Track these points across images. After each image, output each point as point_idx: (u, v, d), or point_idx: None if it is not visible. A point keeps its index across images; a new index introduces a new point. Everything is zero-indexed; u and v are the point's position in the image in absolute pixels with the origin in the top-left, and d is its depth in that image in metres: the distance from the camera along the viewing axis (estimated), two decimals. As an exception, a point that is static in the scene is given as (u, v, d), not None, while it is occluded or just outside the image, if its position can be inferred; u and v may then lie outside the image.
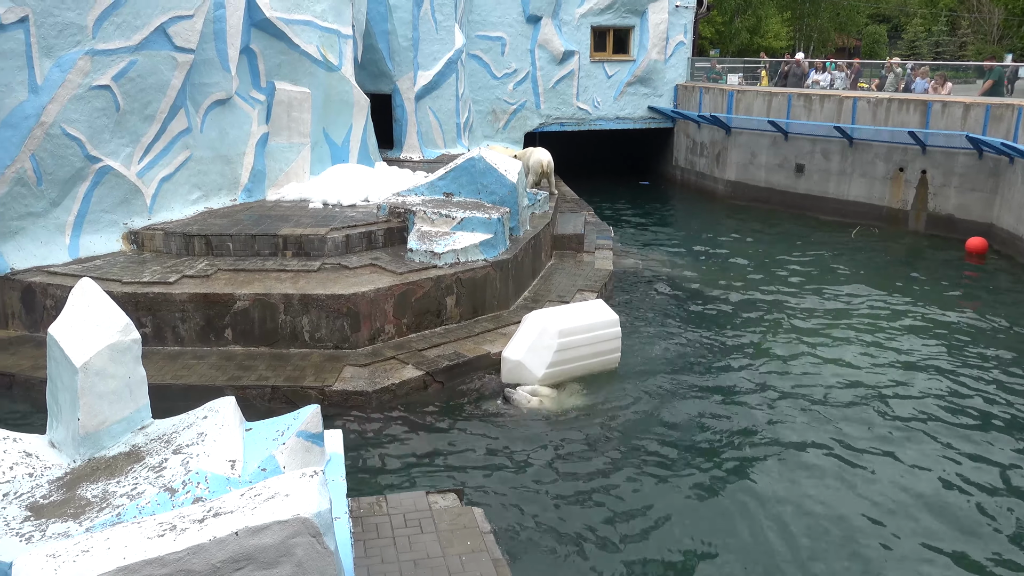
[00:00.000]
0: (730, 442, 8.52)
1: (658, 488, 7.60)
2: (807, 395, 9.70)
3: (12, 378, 9.20)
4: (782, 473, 7.91)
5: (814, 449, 8.38)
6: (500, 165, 12.35)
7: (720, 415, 9.13)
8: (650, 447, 8.36)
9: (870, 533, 6.95)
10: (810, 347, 11.29)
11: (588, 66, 24.17)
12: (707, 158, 24.06)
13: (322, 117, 14.66)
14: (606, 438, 8.49)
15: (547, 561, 6.47)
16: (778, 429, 8.80)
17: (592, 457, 8.08)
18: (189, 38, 11.70)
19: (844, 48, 57.61)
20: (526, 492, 7.42)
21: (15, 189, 10.36)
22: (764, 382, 10.08)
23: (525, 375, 9.48)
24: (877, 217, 19.39)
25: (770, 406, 9.38)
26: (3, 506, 3.94)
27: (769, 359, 10.85)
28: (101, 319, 4.52)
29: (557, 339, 9.43)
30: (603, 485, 7.57)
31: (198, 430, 4.47)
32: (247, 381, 9.01)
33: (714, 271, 15.49)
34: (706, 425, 8.88)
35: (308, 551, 3.35)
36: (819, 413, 9.20)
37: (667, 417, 9.05)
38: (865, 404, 9.47)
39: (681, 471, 7.90)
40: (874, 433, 8.75)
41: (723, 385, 9.97)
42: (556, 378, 9.55)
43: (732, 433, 8.71)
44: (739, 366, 10.60)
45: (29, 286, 10.20)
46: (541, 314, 9.80)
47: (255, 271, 10.54)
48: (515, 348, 9.58)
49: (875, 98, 19.51)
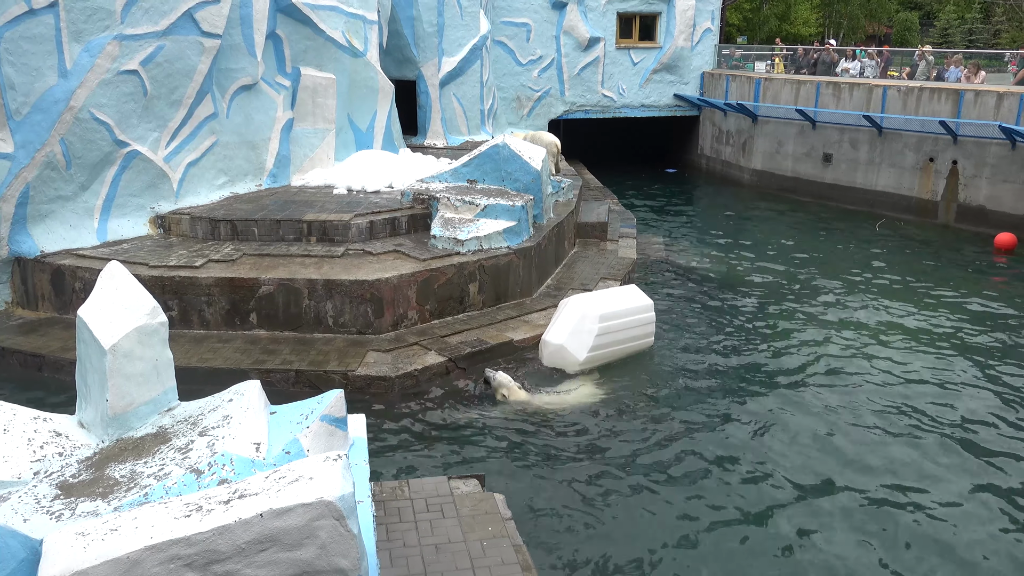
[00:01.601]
0: (753, 431, 8.47)
1: (684, 476, 7.57)
2: (830, 385, 9.61)
3: (42, 359, 9.35)
4: (810, 466, 7.85)
5: (841, 442, 8.31)
6: (524, 152, 12.31)
7: (743, 405, 9.08)
8: (675, 434, 8.33)
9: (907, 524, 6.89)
10: (832, 338, 11.18)
11: (614, 53, 24.00)
12: (733, 147, 23.83)
13: (347, 103, 14.69)
14: (630, 425, 8.47)
15: (568, 547, 6.47)
16: (804, 418, 8.73)
17: (616, 444, 8.07)
18: (216, 23, 11.75)
19: (874, 36, 56.66)
20: (548, 478, 7.43)
21: (45, 173, 10.50)
22: (785, 371, 10.01)
23: (567, 359, 9.58)
24: (906, 208, 19.12)
25: (794, 395, 9.31)
26: (34, 484, 4.01)
27: (790, 349, 10.76)
28: (129, 302, 4.57)
29: (598, 323, 9.55)
30: (626, 473, 7.56)
31: (224, 413, 4.51)
32: (271, 365, 9.09)
33: (738, 260, 15.37)
34: (730, 414, 8.83)
35: (331, 534, 3.37)
36: (842, 404, 9.12)
37: (692, 404, 9.02)
38: (887, 397, 9.37)
39: (707, 460, 7.87)
40: (897, 424, 8.68)
41: (746, 374, 9.91)
42: (596, 362, 9.67)
43: (755, 423, 8.65)
44: (760, 355, 10.53)
45: (58, 269, 10.35)
46: (580, 299, 9.86)
47: (280, 256, 10.61)
48: (556, 333, 9.66)
49: (906, 87, 19.19)
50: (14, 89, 10.06)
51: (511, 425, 8.41)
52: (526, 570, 5.28)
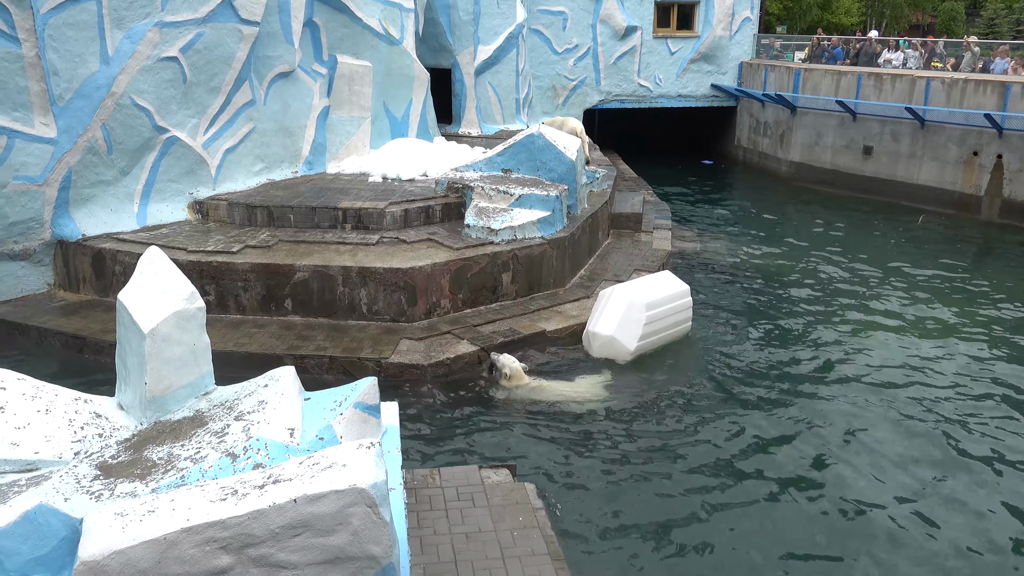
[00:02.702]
0: (786, 425, 8.37)
1: (715, 469, 7.51)
2: (866, 381, 9.46)
3: (83, 341, 9.53)
4: (850, 462, 7.75)
5: (880, 438, 8.19)
6: (559, 142, 12.25)
7: (775, 398, 8.98)
8: (708, 426, 8.27)
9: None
10: (868, 334, 11.01)
11: (651, 42, 23.76)
12: (771, 138, 23.50)
13: (382, 91, 14.72)
14: (664, 416, 8.42)
15: (598, 539, 6.46)
16: (841, 416, 8.61)
17: (649, 436, 8.03)
18: (254, 11, 11.83)
19: (918, 26, 55.44)
20: (580, 469, 7.42)
21: (87, 158, 10.68)
22: (820, 367, 9.87)
23: (618, 349, 9.57)
24: (948, 203, 18.72)
25: (827, 390, 9.19)
26: (75, 465, 4.08)
27: (824, 344, 10.61)
28: (168, 287, 4.62)
29: (645, 312, 9.54)
30: (660, 465, 7.52)
31: (259, 398, 4.55)
32: (306, 351, 9.17)
33: (774, 254, 15.17)
34: (763, 407, 8.75)
35: (364, 521, 3.39)
36: (878, 400, 8.98)
37: (725, 396, 8.95)
38: (924, 394, 9.21)
39: (742, 453, 7.80)
40: (933, 422, 8.52)
41: (781, 367, 9.79)
42: (644, 350, 9.66)
43: (788, 417, 8.55)
44: (795, 350, 10.40)
45: (99, 252, 10.53)
46: (624, 288, 9.82)
47: (315, 243, 10.69)
48: (605, 324, 9.62)
49: (950, 78, 18.75)
50: (57, 75, 10.23)
51: (542, 415, 8.41)
52: (556, 560, 5.28)
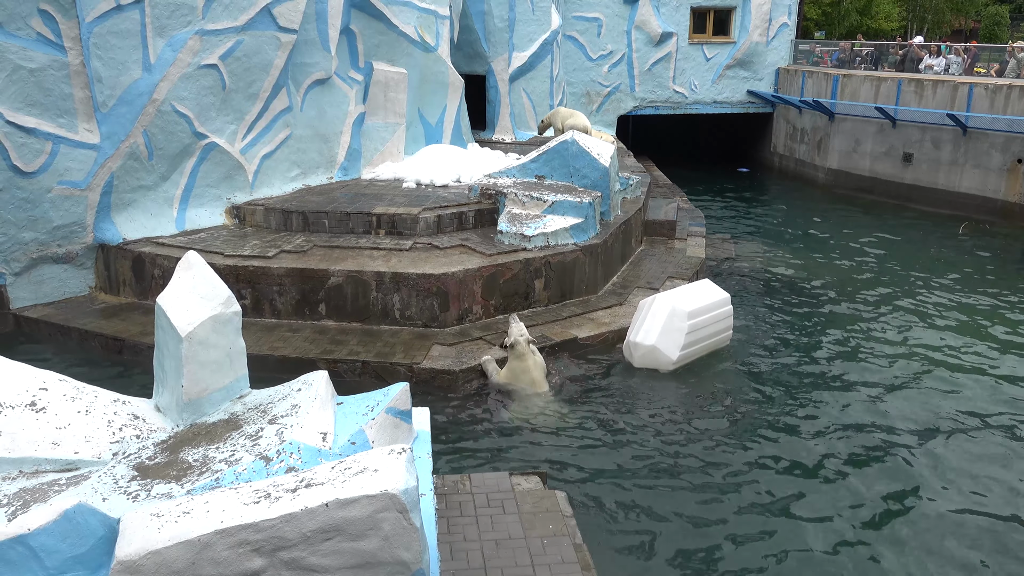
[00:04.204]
0: (825, 435, 8.24)
1: (752, 483, 7.40)
2: (905, 391, 9.29)
3: (122, 343, 9.71)
4: (885, 475, 7.61)
5: (918, 452, 8.04)
6: (593, 149, 12.23)
7: (815, 409, 8.84)
8: (745, 437, 8.16)
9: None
10: (910, 345, 10.80)
11: (686, 48, 23.65)
12: (808, 145, 23.23)
13: (417, 97, 14.83)
14: (700, 427, 8.33)
15: (628, 549, 6.41)
16: (882, 429, 8.46)
17: (684, 445, 7.95)
18: (292, 18, 12.00)
19: (960, 31, 54.47)
20: (611, 477, 7.37)
21: (128, 163, 10.89)
22: (859, 378, 9.70)
23: (660, 359, 9.48)
24: (990, 211, 18.33)
25: (870, 403, 9.04)
26: (113, 465, 4.16)
27: (864, 357, 10.43)
28: (205, 291, 4.70)
29: (687, 321, 9.41)
30: (694, 476, 7.44)
31: (292, 402, 4.60)
32: (339, 355, 9.25)
33: (810, 262, 14.98)
34: (803, 418, 8.62)
35: (395, 526, 3.40)
36: (921, 410, 8.81)
37: (762, 407, 8.83)
38: (962, 406, 9.01)
39: (780, 466, 7.69)
40: (972, 435, 8.34)
41: (819, 378, 9.65)
42: (686, 360, 9.56)
43: (829, 427, 8.42)
44: (835, 361, 10.24)
45: (139, 256, 10.73)
46: (665, 297, 9.72)
47: (349, 248, 10.78)
48: (646, 333, 9.51)
49: (993, 84, 18.39)
50: (101, 82, 10.45)
51: (574, 423, 8.38)
52: (586, 569, 5.25)
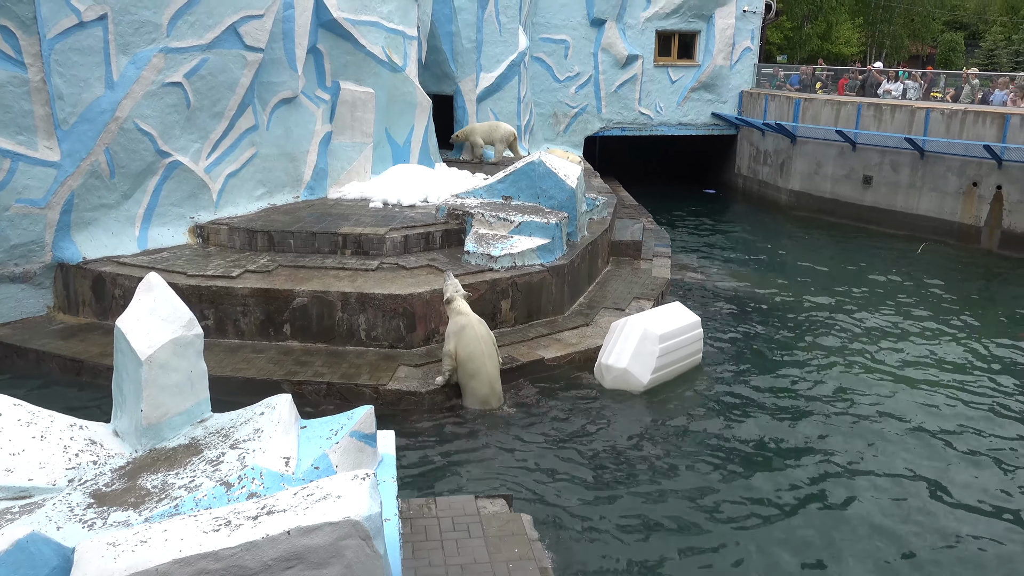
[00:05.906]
0: (794, 454, 8.33)
1: (720, 501, 7.44)
2: (863, 414, 9.43)
3: (81, 364, 9.52)
4: (866, 492, 7.70)
5: (888, 464, 8.15)
6: (560, 170, 12.31)
7: (779, 429, 8.93)
8: (713, 458, 8.21)
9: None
10: (868, 366, 10.98)
11: (652, 70, 23.96)
12: (771, 167, 23.62)
13: (385, 117, 14.82)
14: (668, 446, 8.37)
15: (594, 571, 6.40)
16: (835, 445, 8.57)
17: (652, 466, 7.98)
18: (259, 37, 11.96)
19: (918, 56, 55.86)
20: (577, 500, 7.36)
21: (89, 181, 10.73)
22: (826, 394, 9.84)
23: (631, 382, 9.55)
24: (947, 233, 18.77)
25: (836, 419, 9.16)
26: (68, 492, 4.06)
27: (823, 376, 10.57)
28: (166, 313, 4.63)
29: (658, 344, 9.51)
30: (660, 497, 7.46)
31: (255, 426, 4.54)
32: (303, 377, 9.15)
33: (774, 282, 15.19)
34: (767, 439, 8.70)
35: (358, 553, 3.37)
36: (874, 432, 8.95)
37: (726, 427, 8.89)
38: (923, 430, 9.17)
39: (748, 485, 7.74)
40: (930, 456, 8.48)
41: (788, 396, 9.77)
42: (657, 383, 9.65)
43: (798, 446, 8.51)
44: (793, 380, 10.37)
45: (99, 275, 10.55)
46: (637, 320, 9.81)
47: (315, 268, 10.71)
48: (618, 356, 9.59)
49: (949, 109, 18.89)
50: (62, 99, 10.30)
51: (540, 445, 8.36)
52: (552, 593, 5.23)
